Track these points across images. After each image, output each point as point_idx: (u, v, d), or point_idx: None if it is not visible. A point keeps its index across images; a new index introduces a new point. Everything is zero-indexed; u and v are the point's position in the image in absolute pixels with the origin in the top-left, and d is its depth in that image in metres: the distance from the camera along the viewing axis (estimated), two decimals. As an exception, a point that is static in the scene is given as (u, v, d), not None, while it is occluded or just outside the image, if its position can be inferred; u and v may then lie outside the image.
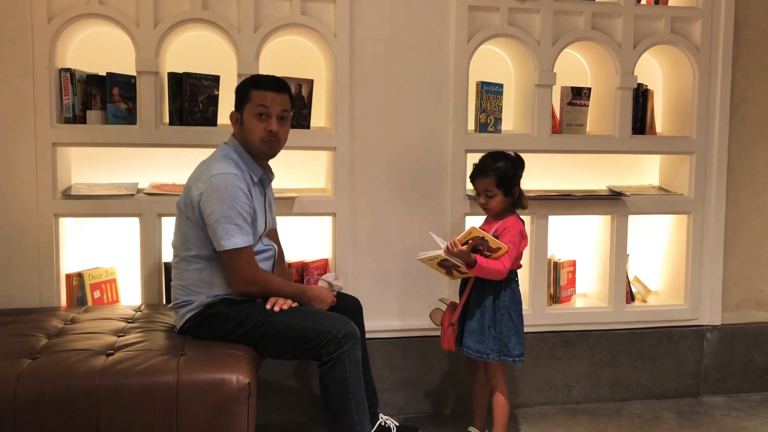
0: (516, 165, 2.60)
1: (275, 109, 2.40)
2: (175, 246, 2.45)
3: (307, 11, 2.89)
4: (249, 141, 2.41)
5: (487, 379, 2.68)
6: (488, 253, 2.50)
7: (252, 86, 2.41)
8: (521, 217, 2.66)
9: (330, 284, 2.63)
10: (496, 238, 2.52)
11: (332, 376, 2.28)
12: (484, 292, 2.59)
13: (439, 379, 3.12)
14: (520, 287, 2.66)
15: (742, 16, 3.27)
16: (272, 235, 2.65)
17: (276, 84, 2.43)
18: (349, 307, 2.60)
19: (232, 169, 2.34)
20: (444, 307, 2.71)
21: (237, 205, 2.29)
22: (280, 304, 2.35)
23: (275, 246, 2.59)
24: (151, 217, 2.81)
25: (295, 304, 2.38)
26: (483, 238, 2.46)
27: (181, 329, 2.40)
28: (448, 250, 2.46)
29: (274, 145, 2.44)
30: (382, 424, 2.70)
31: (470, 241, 2.46)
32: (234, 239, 2.28)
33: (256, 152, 2.43)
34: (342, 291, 2.67)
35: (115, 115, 2.82)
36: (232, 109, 2.86)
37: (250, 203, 2.35)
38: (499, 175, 2.56)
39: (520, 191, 2.62)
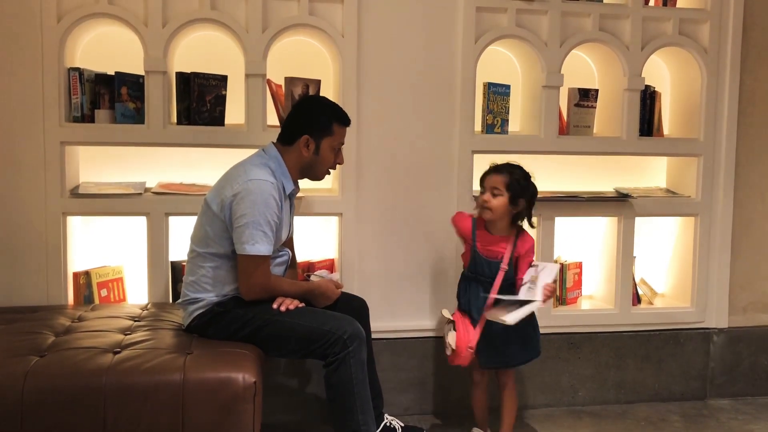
0: (529, 182, 2.61)
1: (344, 142, 2.57)
2: (194, 240, 2.46)
3: (314, 11, 2.90)
4: (314, 167, 2.51)
5: (497, 377, 2.69)
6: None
7: (335, 121, 2.49)
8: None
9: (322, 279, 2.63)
10: (517, 257, 2.63)
11: (337, 377, 2.28)
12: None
13: (445, 380, 3.12)
14: None
15: (751, 18, 3.26)
16: (288, 242, 2.67)
17: (349, 120, 2.55)
18: (355, 307, 2.61)
19: (269, 178, 2.37)
20: (451, 324, 2.63)
21: (268, 213, 2.32)
22: (287, 305, 2.37)
23: (289, 253, 2.62)
24: (159, 216, 2.81)
25: (301, 305, 2.39)
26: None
27: (189, 327, 2.41)
28: (547, 297, 2.52)
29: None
30: (388, 424, 2.70)
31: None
32: (258, 246, 2.31)
33: (315, 176, 2.56)
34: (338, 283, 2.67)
35: (124, 114, 2.83)
36: (241, 108, 2.89)
37: (279, 214, 2.38)
38: (512, 178, 2.57)
39: (529, 208, 2.61)
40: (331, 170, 2.57)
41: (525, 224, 2.66)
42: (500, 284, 2.57)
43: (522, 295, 2.52)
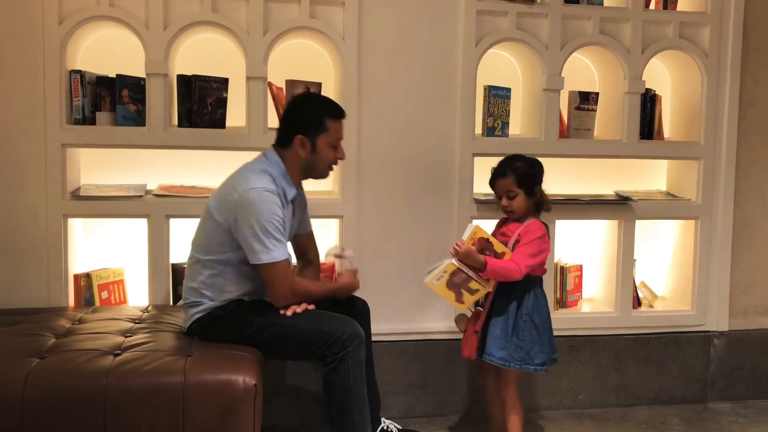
0: (534, 165, 2.58)
1: (342, 136, 2.50)
2: (195, 246, 2.45)
3: (315, 14, 2.90)
4: (314, 166, 2.46)
5: (497, 389, 2.62)
6: (496, 254, 2.48)
7: (327, 116, 2.43)
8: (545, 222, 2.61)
9: (340, 257, 2.64)
10: (517, 242, 2.50)
11: (335, 377, 2.29)
12: (508, 299, 2.54)
13: (444, 383, 3.12)
14: (544, 294, 2.60)
15: (751, 21, 3.26)
16: (306, 240, 2.67)
17: (343, 112, 2.49)
18: (356, 308, 2.61)
19: (269, 185, 2.35)
20: (469, 314, 2.67)
21: (273, 219, 2.31)
22: (293, 309, 2.36)
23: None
24: (159, 218, 2.82)
25: (311, 307, 2.39)
26: (488, 240, 2.44)
27: (189, 329, 2.42)
28: (456, 252, 2.41)
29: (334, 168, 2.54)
30: (384, 428, 2.70)
31: (475, 244, 2.44)
32: (272, 253, 2.30)
33: (317, 175, 2.51)
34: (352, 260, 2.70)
35: (125, 116, 2.83)
36: (242, 111, 2.90)
37: (283, 218, 2.37)
38: (519, 175, 2.52)
39: (543, 193, 2.58)
40: (333, 166, 2.52)
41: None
42: None
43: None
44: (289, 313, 2.35)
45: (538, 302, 2.55)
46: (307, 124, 2.42)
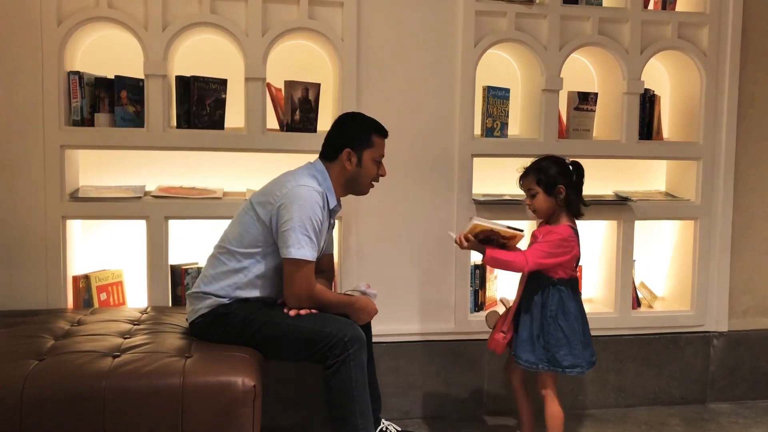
0: (559, 164, 2.54)
1: (384, 154, 2.59)
2: (228, 237, 2.46)
3: (314, 15, 2.90)
4: (358, 179, 2.53)
5: (537, 388, 2.64)
6: (504, 241, 2.51)
7: (374, 133, 2.53)
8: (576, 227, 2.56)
9: (364, 293, 2.60)
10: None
11: (337, 379, 2.28)
12: (532, 300, 2.55)
13: (444, 383, 3.12)
14: (573, 296, 2.56)
15: (750, 22, 3.26)
16: (327, 259, 2.67)
17: (386, 132, 2.59)
18: None
19: (317, 187, 2.42)
20: (502, 310, 2.66)
21: (314, 218, 2.35)
22: (296, 310, 2.37)
23: None
24: (158, 219, 2.81)
25: (314, 311, 2.39)
26: (492, 230, 2.46)
27: (192, 323, 2.42)
28: (460, 245, 2.48)
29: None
30: (384, 428, 2.70)
31: (480, 234, 2.47)
32: (303, 250, 2.32)
33: (359, 190, 2.58)
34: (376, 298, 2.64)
35: (123, 117, 2.83)
36: (240, 112, 2.90)
37: (322, 221, 2.41)
38: (539, 173, 2.53)
39: (569, 194, 2.53)
40: (374, 183, 2.59)
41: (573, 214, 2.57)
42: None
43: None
44: (292, 313, 2.35)
45: (564, 305, 2.52)
46: (355, 138, 2.51)
